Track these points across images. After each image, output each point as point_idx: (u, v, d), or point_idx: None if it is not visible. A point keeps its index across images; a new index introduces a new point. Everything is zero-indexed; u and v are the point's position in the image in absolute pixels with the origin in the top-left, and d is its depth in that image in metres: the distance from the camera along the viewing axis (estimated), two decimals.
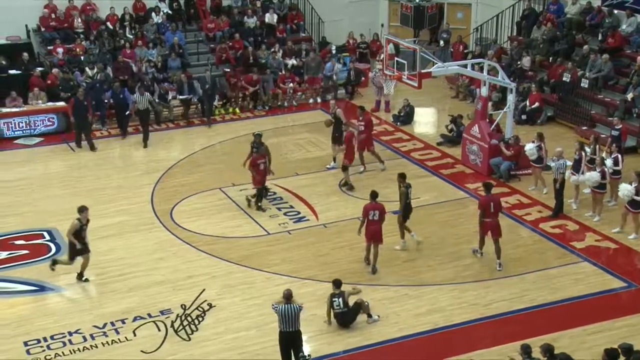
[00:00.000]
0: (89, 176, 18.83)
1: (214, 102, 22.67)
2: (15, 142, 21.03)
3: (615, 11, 22.91)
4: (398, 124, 22.12)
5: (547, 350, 10.25)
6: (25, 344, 12.23)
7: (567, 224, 16.08)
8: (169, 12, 26.14)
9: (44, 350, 12.08)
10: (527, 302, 13.29)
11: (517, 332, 12.22)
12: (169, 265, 14.57)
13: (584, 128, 20.77)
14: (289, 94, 23.71)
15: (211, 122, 22.14)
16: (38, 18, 24.89)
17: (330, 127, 19.01)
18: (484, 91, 18.73)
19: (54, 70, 22.76)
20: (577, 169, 16.52)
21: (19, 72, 22.79)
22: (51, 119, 21.55)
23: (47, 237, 15.72)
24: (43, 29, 24.84)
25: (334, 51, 25.80)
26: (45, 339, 12.32)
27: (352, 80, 24.66)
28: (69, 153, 20.50)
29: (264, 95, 23.50)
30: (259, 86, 23.34)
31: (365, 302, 12.67)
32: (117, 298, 13.43)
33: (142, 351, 12.05)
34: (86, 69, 23.17)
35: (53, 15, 24.93)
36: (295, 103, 23.83)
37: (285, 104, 23.69)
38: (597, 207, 16.22)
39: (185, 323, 12.69)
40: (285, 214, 16.66)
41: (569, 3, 24.35)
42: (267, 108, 23.41)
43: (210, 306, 13.15)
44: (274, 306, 11.29)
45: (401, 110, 22.31)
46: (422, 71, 17.98)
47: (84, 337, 12.37)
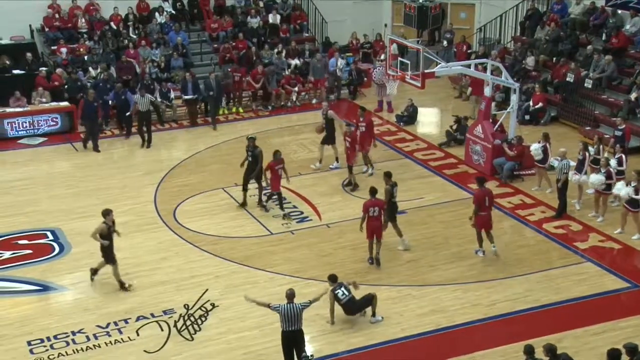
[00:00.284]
0: (92, 176, 18.86)
1: (220, 105, 22.50)
2: (19, 142, 21.08)
3: (619, 11, 22.90)
4: (401, 124, 22.12)
5: (549, 350, 10.24)
6: (29, 343, 12.25)
7: (570, 225, 16.06)
8: (173, 12, 26.18)
9: (47, 350, 12.09)
10: (531, 302, 13.27)
11: (521, 332, 12.20)
12: (172, 265, 14.59)
13: (588, 128, 20.74)
14: (293, 95, 23.65)
15: (216, 124, 22.00)
16: (42, 18, 24.96)
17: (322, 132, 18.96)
18: (487, 91, 18.71)
19: (58, 70, 22.80)
20: (581, 169, 16.52)
21: (22, 72, 22.84)
22: (55, 119, 21.59)
23: (51, 237, 15.76)
24: (47, 29, 24.90)
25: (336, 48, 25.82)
26: (48, 339, 12.33)
27: (355, 80, 24.65)
28: (73, 153, 20.53)
29: (268, 86, 23.33)
30: (263, 80, 23.14)
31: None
32: (120, 298, 13.45)
33: (145, 351, 12.06)
34: (90, 68, 23.22)
35: (57, 16, 25.00)
36: (299, 103, 23.82)
37: (288, 104, 23.69)
38: (601, 208, 16.19)
39: (189, 323, 12.70)
40: (288, 213, 16.66)
41: (572, 3, 24.32)
42: (270, 108, 23.42)
43: (213, 306, 13.15)
44: (273, 306, 11.23)
45: (405, 110, 22.30)
46: (426, 71, 17.98)
47: (87, 337, 12.39)
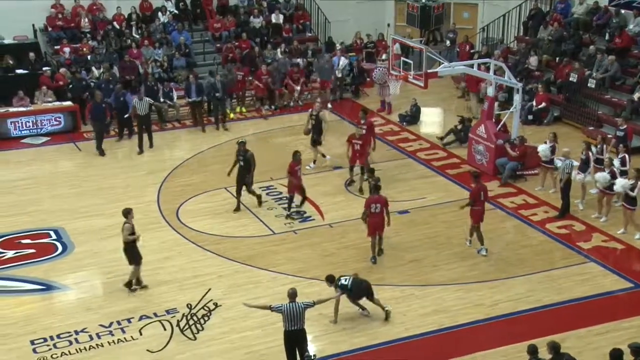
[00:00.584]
0: (95, 175, 18.88)
1: (226, 106, 22.32)
2: (22, 141, 21.11)
3: (623, 11, 22.87)
4: (404, 124, 22.11)
5: (552, 347, 10.25)
6: (32, 342, 12.27)
7: (573, 225, 16.04)
8: (176, 11, 26.20)
9: (50, 349, 12.11)
10: (533, 302, 13.26)
11: (523, 332, 12.19)
12: (175, 265, 14.60)
13: (591, 128, 20.73)
14: (296, 92, 23.63)
15: (225, 126, 21.82)
16: (45, 18, 24.99)
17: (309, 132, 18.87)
18: (490, 91, 18.70)
19: (62, 70, 22.83)
20: (584, 169, 16.51)
21: (26, 71, 22.87)
22: (58, 119, 21.62)
23: (54, 237, 15.78)
24: (50, 29, 24.93)
25: (339, 48, 25.82)
26: (51, 338, 12.35)
27: (356, 78, 24.60)
28: (76, 152, 20.55)
29: (272, 86, 23.24)
30: (269, 78, 23.05)
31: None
32: (123, 297, 13.46)
33: (148, 350, 12.07)
34: (93, 68, 23.24)
35: (60, 15, 25.03)
36: (301, 102, 23.82)
37: (291, 104, 23.68)
38: (604, 208, 16.17)
39: (191, 322, 12.71)
40: (291, 214, 16.66)
41: (576, 3, 24.30)
42: (273, 108, 23.41)
43: (216, 305, 13.16)
44: (274, 307, 11.16)
45: (409, 110, 22.27)
46: (429, 71, 17.98)
47: (90, 336, 12.40)
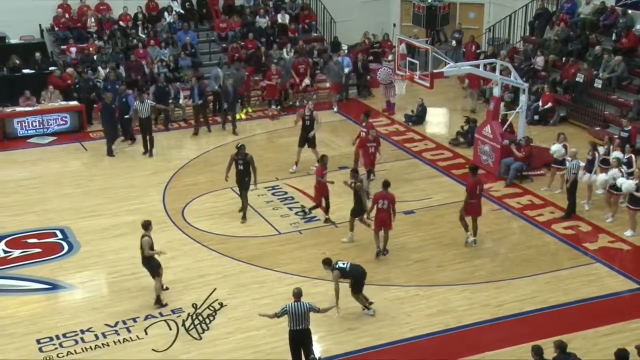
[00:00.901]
0: (101, 175, 18.92)
1: (236, 111, 21.94)
2: (28, 141, 21.16)
3: (630, 11, 22.78)
4: (410, 124, 22.09)
5: (559, 346, 10.23)
6: (38, 341, 12.30)
7: (579, 225, 16.01)
8: (182, 11, 26.22)
9: (56, 348, 12.14)
10: (539, 303, 13.24)
11: (529, 333, 12.17)
12: (180, 264, 14.61)
13: (597, 129, 20.68)
14: (303, 84, 23.50)
15: (235, 131, 21.46)
16: (52, 17, 25.05)
17: (298, 125, 18.71)
18: (496, 91, 18.68)
19: (69, 70, 22.87)
20: (590, 169, 16.47)
21: (32, 71, 22.93)
22: (64, 118, 21.65)
23: (60, 236, 15.81)
24: (56, 29, 24.99)
25: (345, 50, 25.80)
26: (57, 337, 12.38)
27: (361, 73, 24.56)
28: (82, 152, 20.59)
29: (277, 84, 23.13)
30: (279, 79, 22.89)
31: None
32: (128, 297, 13.48)
33: (153, 350, 12.08)
34: (99, 68, 23.27)
35: (67, 15, 25.07)
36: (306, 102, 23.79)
37: (296, 104, 23.67)
38: (611, 208, 16.12)
39: (197, 322, 12.70)
40: (296, 213, 16.67)
41: (582, 3, 24.23)
42: (279, 108, 23.39)
43: (221, 305, 13.14)
44: (280, 312, 11.14)
45: (414, 110, 22.24)
46: (435, 71, 17.96)
47: (95, 336, 12.43)
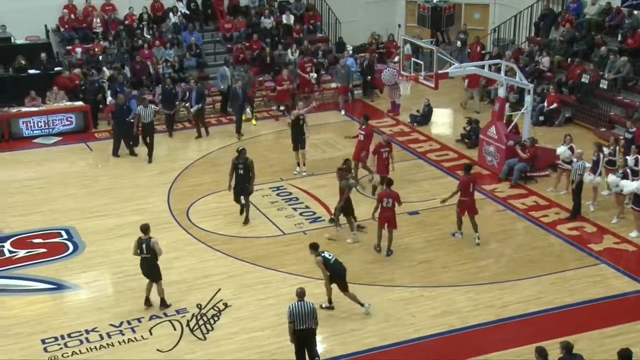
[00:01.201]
0: (106, 175, 18.95)
1: (244, 114, 21.76)
2: (34, 141, 21.21)
3: (635, 12, 22.72)
4: (415, 124, 22.06)
5: (565, 347, 10.20)
6: (43, 341, 12.32)
7: (584, 226, 15.97)
8: (187, 12, 26.25)
9: (61, 348, 12.15)
10: (544, 304, 13.21)
11: (534, 334, 12.14)
12: (185, 265, 14.63)
13: (603, 129, 20.63)
14: (312, 79, 23.55)
15: (240, 133, 21.29)
16: (57, 18, 25.10)
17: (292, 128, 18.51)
18: (501, 92, 18.65)
19: (76, 71, 22.92)
20: (595, 170, 16.45)
21: (38, 71, 22.98)
22: (69, 119, 21.70)
23: (65, 236, 15.83)
24: (62, 29, 25.04)
25: (350, 51, 25.80)
26: (62, 337, 12.39)
27: (365, 75, 24.54)
28: (87, 152, 20.63)
29: (290, 86, 22.96)
30: (290, 84, 22.77)
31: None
32: (133, 297, 13.48)
33: (158, 350, 12.10)
34: (104, 68, 23.32)
35: (72, 16, 25.12)
36: (315, 104, 23.72)
37: (314, 104, 23.58)
38: (617, 208, 16.08)
39: (201, 322, 12.73)
40: (301, 214, 16.67)
41: (588, 3, 24.20)
42: (283, 108, 23.37)
43: (226, 306, 13.18)
44: (290, 320, 11.06)
45: (420, 110, 22.21)
46: (439, 72, 17.94)
47: (100, 336, 12.44)
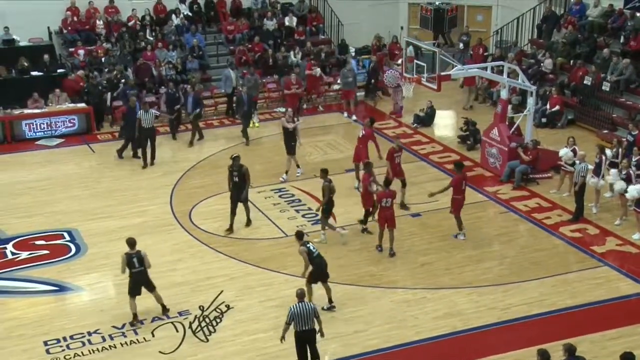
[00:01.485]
0: (109, 177, 18.97)
1: (251, 120, 21.68)
2: (36, 143, 21.25)
3: (638, 14, 22.71)
4: (418, 123, 22.04)
5: (568, 350, 10.18)
6: (45, 343, 12.34)
7: (587, 228, 15.95)
8: (189, 14, 26.29)
9: (63, 350, 12.17)
10: (547, 306, 13.20)
11: (536, 336, 12.12)
12: (187, 267, 14.64)
13: (605, 131, 20.62)
14: (316, 73, 23.51)
15: (249, 141, 21.08)
16: (60, 20, 25.14)
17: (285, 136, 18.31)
18: (503, 94, 18.65)
19: (80, 72, 22.95)
20: (598, 172, 16.43)
21: (40, 73, 23.02)
22: (72, 120, 21.73)
23: (67, 238, 15.86)
24: (65, 31, 25.08)
25: (353, 53, 25.80)
26: (64, 339, 12.41)
27: (370, 75, 24.57)
28: (90, 154, 20.65)
29: (299, 90, 22.74)
30: (299, 88, 22.56)
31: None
32: (136, 299, 13.47)
33: (160, 352, 12.10)
34: (106, 70, 23.34)
35: (75, 18, 25.17)
36: (321, 107, 23.72)
37: (304, 106, 23.65)
38: (620, 209, 16.07)
39: (204, 324, 12.73)
40: (303, 216, 16.68)
41: (590, 5, 24.19)
42: (292, 112, 23.30)
43: (228, 307, 13.18)
44: (288, 321, 11.06)
45: (424, 110, 22.19)
46: (442, 74, 17.94)
47: (103, 337, 12.45)
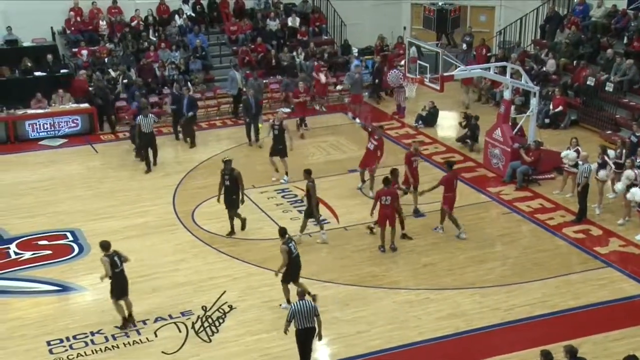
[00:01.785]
0: (111, 177, 18.99)
1: (259, 123, 21.49)
2: (39, 143, 21.28)
3: None
4: (420, 122, 22.03)
5: (569, 351, 10.16)
6: (48, 343, 12.35)
7: (590, 229, 15.93)
8: (192, 14, 26.31)
9: (66, 350, 12.18)
10: (549, 307, 13.18)
11: (539, 337, 12.11)
12: (190, 267, 14.64)
13: (609, 132, 20.59)
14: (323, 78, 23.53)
15: (258, 143, 20.76)
16: (63, 20, 25.18)
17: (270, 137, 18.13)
18: (506, 94, 18.63)
19: (82, 72, 22.97)
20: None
21: (44, 74, 23.05)
22: (75, 121, 21.76)
23: (70, 238, 15.87)
24: (68, 31, 25.12)
25: (356, 53, 25.79)
26: (67, 339, 12.43)
27: (374, 75, 24.55)
28: (93, 154, 20.68)
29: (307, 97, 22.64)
30: (307, 96, 22.39)
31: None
32: (138, 299, 13.45)
33: (163, 352, 12.11)
34: (110, 70, 23.38)
35: (78, 18, 25.20)
36: (324, 108, 23.70)
37: (317, 107, 23.61)
38: (624, 210, 16.05)
39: (206, 324, 12.74)
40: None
41: (594, 6, 24.17)
42: (290, 110, 23.33)
43: (231, 308, 13.18)
44: (289, 318, 11.09)
45: (427, 110, 22.19)
46: (445, 74, 17.93)
47: (105, 338, 12.46)
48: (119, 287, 12.53)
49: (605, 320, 12.81)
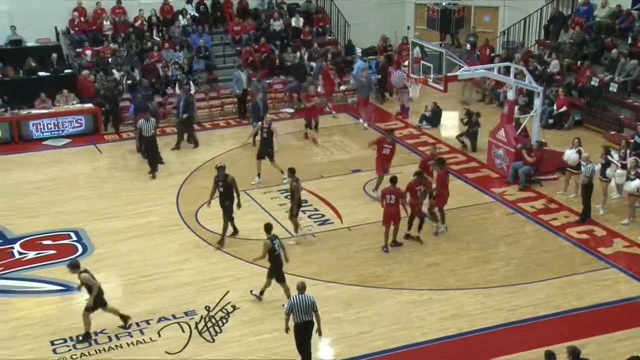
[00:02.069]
0: (115, 177, 19.01)
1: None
2: (43, 143, 21.31)
3: None
4: (424, 122, 22.02)
5: (572, 352, 10.15)
6: (52, 343, 12.36)
7: (594, 230, 15.91)
8: (196, 14, 26.34)
9: (70, 350, 12.19)
10: (553, 308, 13.16)
11: (542, 338, 12.10)
12: (193, 267, 14.65)
13: (613, 132, 20.56)
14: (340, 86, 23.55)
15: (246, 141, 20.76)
16: (67, 20, 25.22)
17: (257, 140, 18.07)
18: (510, 95, 18.61)
19: (84, 72, 23.01)
20: (604, 173, 16.39)
21: (48, 74, 23.08)
22: (79, 121, 21.79)
23: (74, 238, 15.88)
24: (72, 32, 25.15)
25: (359, 53, 25.78)
26: (71, 339, 12.43)
27: (379, 74, 24.54)
28: (96, 154, 20.70)
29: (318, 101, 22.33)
30: (318, 100, 22.20)
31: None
32: (142, 299, 13.52)
33: (166, 352, 12.11)
34: (114, 71, 23.41)
35: (82, 18, 25.24)
36: (328, 109, 23.69)
37: (326, 108, 23.57)
38: (628, 210, 16.03)
39: (210, 324, 12.74)
40: (309, 216, 16.67)
41: (598, 6, 24.13)
42: (294, 110, 23.33)
43: (235, 308, 13.19)
44: (287, 311, 11.22)
45: (431, 110, 22.18)
46: (448, 75, 17.91)
47: (109, 337, 12.48)
48: (100, 297, 12.37)
49: (609, 321, 12.79)
